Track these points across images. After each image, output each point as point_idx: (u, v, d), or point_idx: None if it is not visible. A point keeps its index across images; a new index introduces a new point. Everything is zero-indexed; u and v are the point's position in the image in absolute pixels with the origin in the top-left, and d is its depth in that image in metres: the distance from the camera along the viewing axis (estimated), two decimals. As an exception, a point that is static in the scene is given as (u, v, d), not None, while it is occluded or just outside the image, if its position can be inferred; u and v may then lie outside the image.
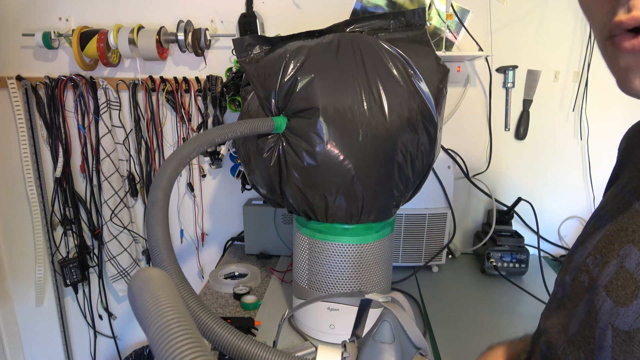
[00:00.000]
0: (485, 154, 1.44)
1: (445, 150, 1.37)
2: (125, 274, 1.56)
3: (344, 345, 0.40)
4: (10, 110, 1.51)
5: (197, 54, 1.38)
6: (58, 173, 1.49)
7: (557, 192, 1.44)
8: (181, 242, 1.61)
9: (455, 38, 1.33)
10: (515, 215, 1.42)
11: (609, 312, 0.33)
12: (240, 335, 0.40)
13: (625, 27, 0.28)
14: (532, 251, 1.37)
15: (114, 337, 1.73)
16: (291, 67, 0.81)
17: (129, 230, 1.53)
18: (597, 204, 1.44)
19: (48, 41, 1.37)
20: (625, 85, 0.31)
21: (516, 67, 1.34)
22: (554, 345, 0.39)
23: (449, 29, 1.32)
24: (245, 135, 0.75)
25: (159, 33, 1.33)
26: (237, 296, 1.16)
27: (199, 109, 1.44)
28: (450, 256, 1.43)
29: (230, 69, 1.40)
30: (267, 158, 0.84)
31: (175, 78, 1.41)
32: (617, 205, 0.38)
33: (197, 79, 1.42)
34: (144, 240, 1.61)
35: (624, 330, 0.31)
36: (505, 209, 1.40)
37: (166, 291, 0.25)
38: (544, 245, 1.46)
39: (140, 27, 1.34)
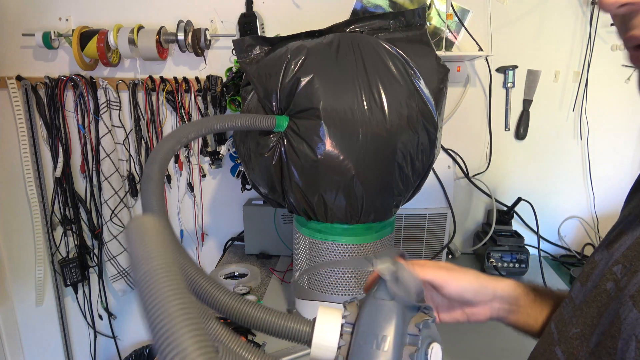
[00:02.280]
0: (485, 154, 1.44)
1: (445, 150, 1.37)
2: (125, 274, 1.56)
3: (344, 305, 0.39)
4: (10, 110, 1.50)
5: (197, 54, 1.38)
6: (58, 173, 1.49)
7: (557, 192, 1.44)
8: (181, 242, 1.61)
9: (455, 38, 1.33)
10: (515, 215, 1.42)
11: (633, 322, 0.32)
12: (232, 294, 0.39)
13: (626, 44, 0.33)
14: (532, 251, 1.36)
15: (114, 337, 1.73)
16: (292, 67, 0.81)
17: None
18: (597, 204, 1.43)
19: (48, 41, 1.37)
20: None
21: (516, 67, 1.34)
22: (575, 356, 0.38)
23: (449, 29, 1.32)
24: (246, 129, 0.74)
25: (159, 33, 1.33)
26: (237, 296, 1.16)
27: (199, 109, 1.44)
28: (450, 256, 1.43)
29: (230, 69, 1.40)
30: (268, 157, 0.84)
31: (175, 78, 1.41)
32: None
33: (197, 79, 1.42)
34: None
35: None
36: (505, 209, 1.40)
37: (155, 240, 0.26)
38: (544, 245, 1.46)
39: (140, 27, 1.34)
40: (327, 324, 0.38)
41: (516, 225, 1.42)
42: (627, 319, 0.32)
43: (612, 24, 0.41)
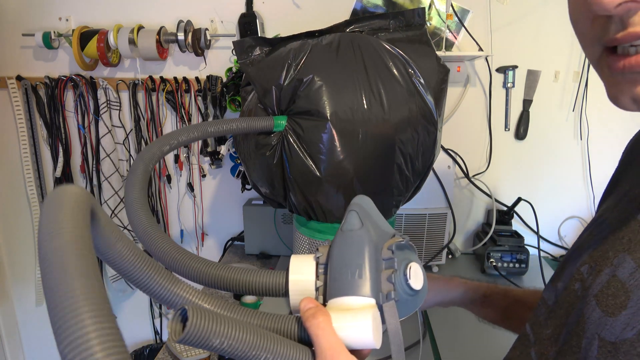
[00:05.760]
0: (485, 154, 1.44)
1: (445, 150, 1.37)
2: (125, 274, 1.56)
3: (317, 248, 0.38)
4: (10, 110, 1.50)
5: (197, 54, 1.38)
6: (58, 173, 1.49)
7: (557, 192, 1.44)
8: (181, 242, 1.61)
9: (455, 38, 1.33)
10: (515, 215, 1.42)
11: (597, 321, 0.32)
12: (202, 260, 0.39)
13: (621, 43, 0.29)
14: (532, 251, 1.36)
15: (114, 337, 1.73)
16: (292, 68, 0.81)
17: (129, 230, 1.53)
18: (597, 204, 1.44)
19: (48, 41, 1.37)
20: (615, 101, 0.32)
21: (516, 67, 1.34)
22: (546, 356, 0.38)
23: (449, 29, 1.32)
24: (243, 132, 0.75)
25: (159, 33, 1.33)
26: (237, 296, 1.16)
27: (199, 109, 1.44)
28: (450, 256, 1.43)
29: (230, 69, 1.40)
30: (269, 157, 0.84)
31: (175, 78, 1.41)
32: (617, 214, 0.38)
33: (197, 79, 1.42)
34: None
35: (610, 340, 0.30)
36: (505, 209, 1.40)
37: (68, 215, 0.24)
38: (543, 245, 1.46)
39: (140, 27, 1.34)
40: (300, 269, 0.36)
41: (516, 225, 1.42)
42: (591, 318, 0.33)
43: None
